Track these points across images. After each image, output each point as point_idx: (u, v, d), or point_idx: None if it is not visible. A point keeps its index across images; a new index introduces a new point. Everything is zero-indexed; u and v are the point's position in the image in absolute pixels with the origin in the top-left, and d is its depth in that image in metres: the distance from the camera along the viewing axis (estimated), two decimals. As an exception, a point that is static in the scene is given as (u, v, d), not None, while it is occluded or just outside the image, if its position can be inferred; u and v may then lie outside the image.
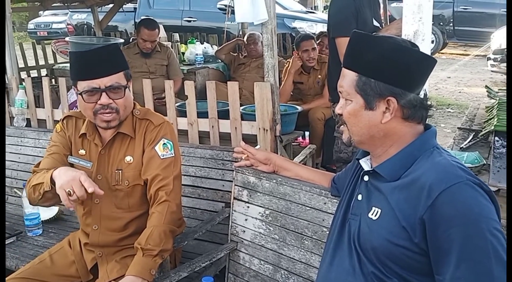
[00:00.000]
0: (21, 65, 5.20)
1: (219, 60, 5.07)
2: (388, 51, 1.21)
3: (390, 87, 1.21)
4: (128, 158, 1.94)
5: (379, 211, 1.24)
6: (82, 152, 1.98)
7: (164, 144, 1.93)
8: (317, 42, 4.34)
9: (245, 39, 4.99)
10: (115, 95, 1.83)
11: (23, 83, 3.44)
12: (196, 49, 5.13)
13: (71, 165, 1.95)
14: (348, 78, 1.27)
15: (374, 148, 1.31)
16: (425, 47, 1.93)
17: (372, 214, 1.26)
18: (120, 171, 1.94)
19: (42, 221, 2.64)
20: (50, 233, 2.64)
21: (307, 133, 4.09)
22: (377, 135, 1.27)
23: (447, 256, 1.10)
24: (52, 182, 1.72)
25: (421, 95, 1.27)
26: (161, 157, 1.92)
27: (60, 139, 2.00)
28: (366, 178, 1.34)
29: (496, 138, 3.13)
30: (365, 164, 1.35)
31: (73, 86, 1.92)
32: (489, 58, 7.98)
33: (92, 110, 1.83)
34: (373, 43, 1.23)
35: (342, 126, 1.35)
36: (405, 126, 1.25)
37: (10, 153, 3.17)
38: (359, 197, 1.34)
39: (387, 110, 1.23)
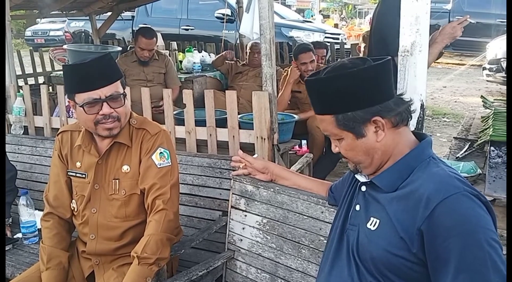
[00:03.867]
0: (19, 72, 5.19)
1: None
2: (342, 84, 1.21)
3: (367, 110, 1.22)
4: (125, 167, 1.95)
5: (378, 221, 1.25)
6: (78, 164, 1.99)
7: (160, 152, 1.94)
8: None
9: (248, 48, 4.99)
10: (115, 104, 1.84)
11: (21, 90, 3.44)
12: (193, 58, 5.17)
13: (70, 179, 2.01)
14: (326, 122, 1.28)
15: (378, 168, 1.30)
16: (423, 58, 1.95)
17: (370, 224, 1.26)
18: (117, 180, 1.95)
19: (38, 229, 2.63)
20: (46, 241, 2.63)
21: (303, 142, 4.10)
22: (376, 155, 1.28)
23: (445, 266, 1.11)
24: None
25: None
26: (158, 166, 1.92)
27: (57, 161, 2.04)
28: (363, 188, 1.34)
29: (492, 148, 3.15)
30: (361, 176, 1.36)
31: (68, 100, 1.93)
32: (484, 68, 8.03)
33: (93, 121, 1.84)
34: (325, 84, 1.24)
35: (344, 158, 1.35)
36: (397, 133, 1.26)
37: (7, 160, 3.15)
38: (357, 207, 1.34)
39: (377, 129, 1.24)
